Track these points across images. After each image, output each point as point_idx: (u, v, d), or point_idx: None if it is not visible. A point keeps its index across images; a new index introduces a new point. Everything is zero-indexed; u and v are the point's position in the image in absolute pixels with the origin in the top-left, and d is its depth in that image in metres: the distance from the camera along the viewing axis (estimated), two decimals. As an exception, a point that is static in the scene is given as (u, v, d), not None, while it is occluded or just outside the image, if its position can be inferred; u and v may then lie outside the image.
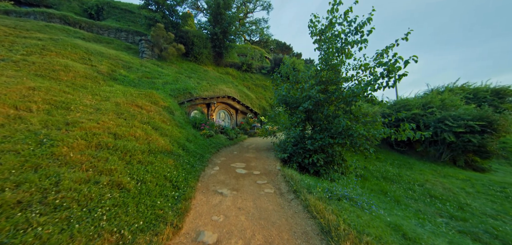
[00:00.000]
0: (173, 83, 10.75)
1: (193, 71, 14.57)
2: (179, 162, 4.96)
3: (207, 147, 7.68)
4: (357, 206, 3.79)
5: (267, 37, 33.15)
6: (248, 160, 6.89)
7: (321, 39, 7.87)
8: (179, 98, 10.34)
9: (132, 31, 15.64)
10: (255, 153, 7.88)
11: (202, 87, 12.09)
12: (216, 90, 12.68)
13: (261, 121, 14.01)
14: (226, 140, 9.61)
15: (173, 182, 4.00)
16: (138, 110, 6.41)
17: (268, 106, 16.19)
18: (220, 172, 5.53)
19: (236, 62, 21.02)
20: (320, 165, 6.44)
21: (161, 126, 6.23)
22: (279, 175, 5.39)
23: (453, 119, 9.47)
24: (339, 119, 6.38)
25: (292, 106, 7.72)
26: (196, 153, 6.42)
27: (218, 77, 16.16)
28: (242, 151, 8.26)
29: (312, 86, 6.94)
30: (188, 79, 12.44)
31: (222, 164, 6.39)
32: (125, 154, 3.91)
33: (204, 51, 16.82)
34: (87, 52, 8.78)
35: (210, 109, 12.36)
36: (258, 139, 11.31)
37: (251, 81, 19.35)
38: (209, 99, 12.11)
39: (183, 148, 6.11)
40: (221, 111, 13.54)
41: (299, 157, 6.79)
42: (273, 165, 6.36)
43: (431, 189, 6.95)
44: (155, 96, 8.21)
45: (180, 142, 6.30)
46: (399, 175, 8.42)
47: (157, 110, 7.28)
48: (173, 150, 5.46)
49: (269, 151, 8.04)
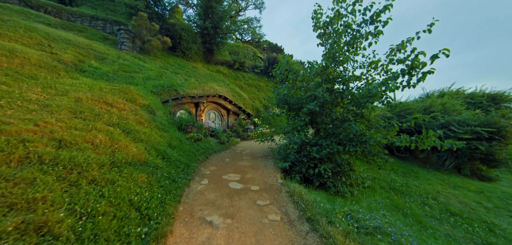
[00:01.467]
0: (156, 79, 9.44)
1: (180, 67, 13.25)
2: (155, 177, 3.80)
3: (194, 153, 6.51)
4: (392, 240, 2.85)
5: (259, 37, 32.27)
6: (243, 170, 5.81)
7: (325, 33, 7.00)
8: (163, 95, 9.05)
9: (110, 20, 13.97)
10: (251, 160, 6.81)
11: (190, 84, 10.85)
12: (205, 88, 11.48)
13: (254, 123, 12.98)
14: (216, 145, 8.46)
15: (142, 209, 2.84)
16: (106, 108, 5.13)
17: (262, 107, 15.19)
18: (210, 188, 4.41)
19: (228, 60, 19.87)
20: (327, 176, 5.51)
21: (135, 129, 5.00)
22: (283, 191, 4.36)
23: (458, 125, 8.98)
24: (349, 123, 5.49)
25: (294, 108, 6.76)
26: (180, 162, 5.25)
27: (208, 74, 14.94)
28: (236, 158, 7.16)
29: (319, 85, 6.02)
30: (174, 75, 11.15)
31: (212, 175, 5.27)
32: (71, 170, 2.70)
33: (193, 46, 15.51)
34: (47, 37, 7.28)
35: (198, 109, 11.14)
36: (252, 143, 10.25)
37: (244, 80, 18.28)
38: (198, 98, 10.89)
39: (163, 157, 4.92)
40: (211, 112, 12.34)
41: (303, 167, 5.82)
42: (273, 176, 5.33)
43: (447, 203, 6.25)
44: (133, 92, 6.92)
45: (160, 148, 5.10)
46: (407, 185, 7.70)
47: (132, 109, 6.01)
48: (149, 160, 4.27)
49: (266, 159, 7.01)
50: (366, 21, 5.29)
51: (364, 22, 5.34)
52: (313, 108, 5.71)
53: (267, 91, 17.87)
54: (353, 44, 5.69)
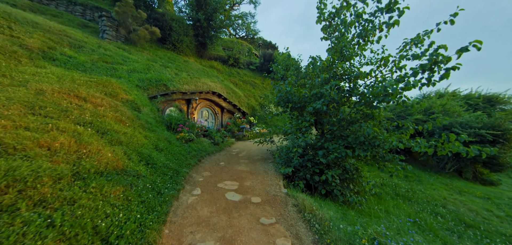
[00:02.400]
0: (142, 72, 8.52)
1: (170, 60, 12.30)
2: (135, 190, 3.04)
3: (185, 156, 5.75)
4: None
5: (254, 33, 31.48)
6: (241, 176, 5.13)
7: (330, 25, 6.42)
8: (151, 90, 8.17)
9: (91, 5, 12.69)
10: (249, 164, 6.14)
11: (182, 79, 9.98)
12: (198, 84, 10.65)
13: (250, 122, 12.30)
14: (210, 146, 7.71)
15: (111, 239, 2.11)
16: (78, 103, 4.28)
17: (258, 106, 14.52)
18: (203, 200, 3.70)
19: (222, 55, 19.00)
20: (335, 184, 4.94)
21: (113, 129, 4.19)
22: (290, 205, 3.72)
23: (461, 127, 8.72)
24: (360, 124, 4.94)
25: (297, 107, 6.13)
26: (168, 168, 4.49)
27: (201, 70, 14.06)
28: (232, 161, 6.46)
29: (326, 81, 5.42)
30: (163, 69, 10.23)
31: (205, 183, 4.55)
32: (6, 189, 1.92)
33: (184, 39, 14.54)
34: (7, 17, 6.17)
35: (190, 107, 10.30)
36: (249, 143, 9.58)
37: (239, 77, 17.51)
38: (190, 94, 10.05)
39: (148, 162, 4.15)
40: (204, 109, 11.53)
41: (307, 173, 5.22)
42: (275, 184, 4.69)
43: (457, 212, 5.87)
44: (114, 85, 6.04)
45: (144, 152, 4.31)
46: (412, 190, 7.31)
47: (112, 104, 5.16)
48: (129, 167, 3.50)
49: (265, 162, 6.35)
50: (382, 10, 4.72)
51: (379, 11, 4.76)
52: (319, 107, 5.11)
53: (263, 89, 17.21)
54: (365, 36, 5.12)
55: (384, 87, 4.24)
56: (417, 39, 4.51)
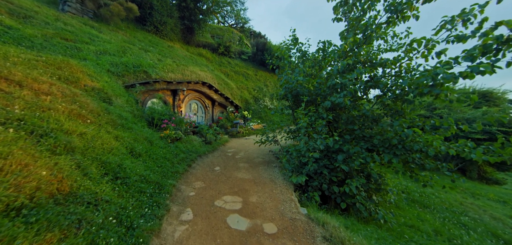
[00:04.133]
0: (116, 55, 7.00)
1: (152, 44, 10.66)
2: (85, 234, 1.85)
3: (170, 161, 4.54)
4: None
5: (244, 21, 29.69)
6: (243, 187, 4.06)
7: (346, 3, 5.41)
8: (127, 78, 6.70)
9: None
10: (250, 169, 5.07)
11: (166, 66, 8.53)
12: (186, 72, 9.25)
13: (244, 117, 11.17)
14: (201, 145, 6.51)
15: None
16: (5, 89, 2.88)
17: (252, 99, 13.37)
18: (196, 232, 2.59)
19: (211, 42, 17.42)
20: (360, 197, 4.05)
21: (63, 129, 2.88)
22: (319, 239, 2.73)
23: (468, 124, 8.31)
24: (390, 123, 4.05)
25: (309, 100, 5.11)
26: (147, 182, 3.29)
27: (189, 57, 12.54)
28: (229, 165, 5.34)
29: (349, 68, 4.44)
30: (143, 53, 8.70)
31: (198, 200, 3.42)
32: None
33: (168, 21, 12.80)
34: None
35: (177, 98, 8.92)
36: (244, 141, 8.48)
37: (230, 67, 16.14)
38: (176, 84, 8.65)
39: (116, 176, 2.92)
40: (193, 102, 10.17)
41: (323, 182, 4.27)
42: (288, 200, 3.68)
43: (481, 221, 5.32)
44: (73, 68, 4.60)
45: (112, 161, 3.07)
46: (424, 194, 6.73)
47: (68, 93, 3.77)
48: (83, 188, 2.28)
49: (269, 167, 5.32)
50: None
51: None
52: (341, 101, 4.13)
53: (256, 81, 16.04)
54: (400, 11, 4.15)
55: (434, 73, 3.32)
56: (465, 14, 3.61)
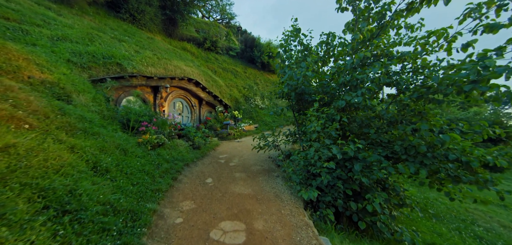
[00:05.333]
0: (80, 42, 5.77)
1: (128, 34, 9.34)
2: None
3: (150, 176, 3.59)
4: None
5: (230, 16, 28.47)
6: (244, 206, 3.26)
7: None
8: (95, 70, 5.53)
9: None
10: (248, 180, 4.27)
11: (145, 59, 7.39)
12: (169, 67, 8.15)
13: (234, 117, 10.30)
14: (188, 151, 5.56)
15: None
16: None
17: (242, 98, 12.51)
18: None
19: (196, 37, 16.21)
20: (385, 216, 3.47)
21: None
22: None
23: (462, 125, 8.31)
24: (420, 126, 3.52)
25: (312, 100, 4.44)
26: (116, 211, 2.38)
27: (172, 50, 11.34)
28: (223, 175, 4.48)
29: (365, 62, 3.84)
30: (116, 42, 7.46)
31: (186, 231, 2.56)
32: None
33: (147, 9, 11.43)
34: None
35: (158, 97, 7.81)
36: (236, 144, 7.64)
37: (217, 63, 15.10)
38: (158, 79, 7.54)
39: (64, 210, 1.97)
40: (178, 100, 9.08)
41: (338, 196, 3.62)
42: (302, 224, 2.96)
43: (492, 229, 5.11)
44: (13, 53, 3.45)
45: (58, 185, 2.09)
46: (429, 200, 6.47)
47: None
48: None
49: (270, 176, 4.57)
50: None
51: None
52: (359, 101, 3.51)
53: (246, 79, 15.19)
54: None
55: (481, 66, 2.78)
56: (501, 0, 3.14)
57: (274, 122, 11.80)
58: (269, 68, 18.06)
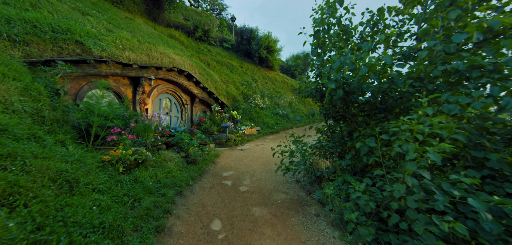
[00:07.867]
0: (10, 4, 3.86)
1: (100, 10, 7.31)
2: None
3: (116, 232, 1.93)
4: None
5: (221, 7, 26.47)
6: None
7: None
8: (35, 47, 3.67)
9: None
10: (278, 226, 2.78)
11: (121, 40, 5.54)
12: (154, 54, 6.34)
13: (233, 118, 8.70)
14: (180, 168, 3.91)
15: None
16: None
17: (240, 95, 10.91)
18: None
19: (186, 24, 14.24)
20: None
21: None
22: None
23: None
24: None
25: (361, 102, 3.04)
26: None
27: (157, 35, 9.41)
28: (235, 214, 2.94)
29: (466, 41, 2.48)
30: (78, 14, 5.55)
31: None
32: None
33: (128, -15, 9.38)
34: None
35: (139, 91, 6.00)
36: (239, 153, 6.08)
37: (210, 55, 13.29)
38: (139, 68, 5.74)
39: None
40: (164, 97, 7.28)
41: None
42: None
43: None
44: None
45: None
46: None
47: None
48: None
49: (304, 213, 3.11)
50: None
51: None
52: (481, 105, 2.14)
53: (243, 74, 13.56)
54: None
55: None
56: None
57: (278, 125, 10.37)
58: (267, 63, 16.55)
